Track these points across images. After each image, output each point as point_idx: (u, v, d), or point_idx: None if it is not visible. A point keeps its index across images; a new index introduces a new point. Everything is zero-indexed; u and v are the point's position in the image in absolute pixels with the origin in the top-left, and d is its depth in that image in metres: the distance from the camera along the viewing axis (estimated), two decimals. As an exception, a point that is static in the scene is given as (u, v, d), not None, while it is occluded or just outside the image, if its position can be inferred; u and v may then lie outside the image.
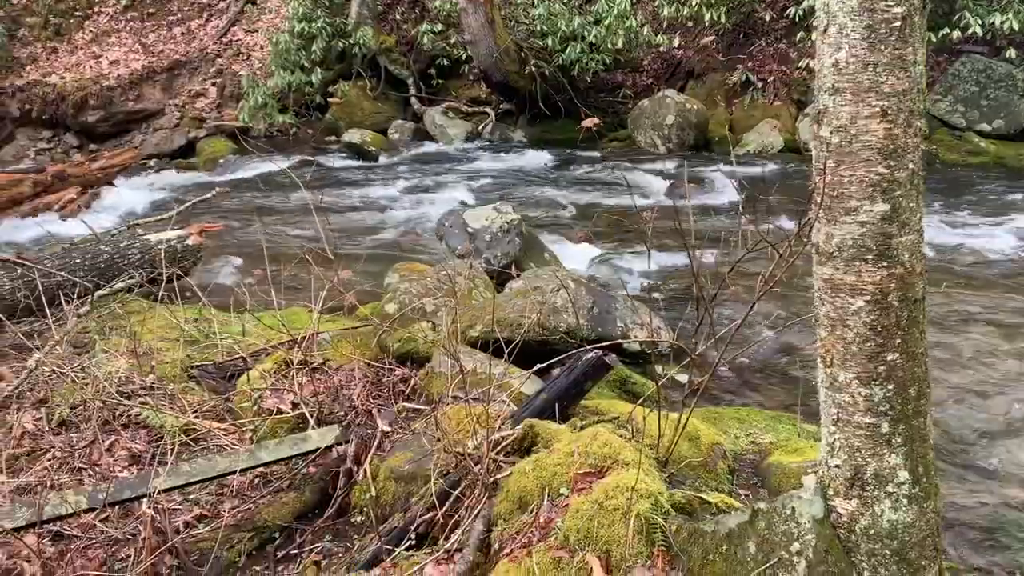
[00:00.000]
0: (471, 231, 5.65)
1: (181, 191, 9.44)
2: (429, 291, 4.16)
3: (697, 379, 2.65)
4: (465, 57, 12.27)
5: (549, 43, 11.42)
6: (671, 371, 3.46)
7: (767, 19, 11.34)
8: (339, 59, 12.81)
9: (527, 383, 3.22)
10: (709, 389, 3.52)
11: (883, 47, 1.77)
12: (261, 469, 3.00)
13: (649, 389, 3.38)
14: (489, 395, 2.73)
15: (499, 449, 2.53)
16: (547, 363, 2.89)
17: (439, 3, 12.08)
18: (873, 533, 1.95)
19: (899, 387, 1.91)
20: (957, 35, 9.35)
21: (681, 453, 2.62)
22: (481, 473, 2.42)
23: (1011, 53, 9.59)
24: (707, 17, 10.71)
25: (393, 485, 2.76)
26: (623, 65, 12.21)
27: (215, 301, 4.57)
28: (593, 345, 2.99)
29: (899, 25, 1.76)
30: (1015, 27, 8.94)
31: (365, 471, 2.86)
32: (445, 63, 12.63)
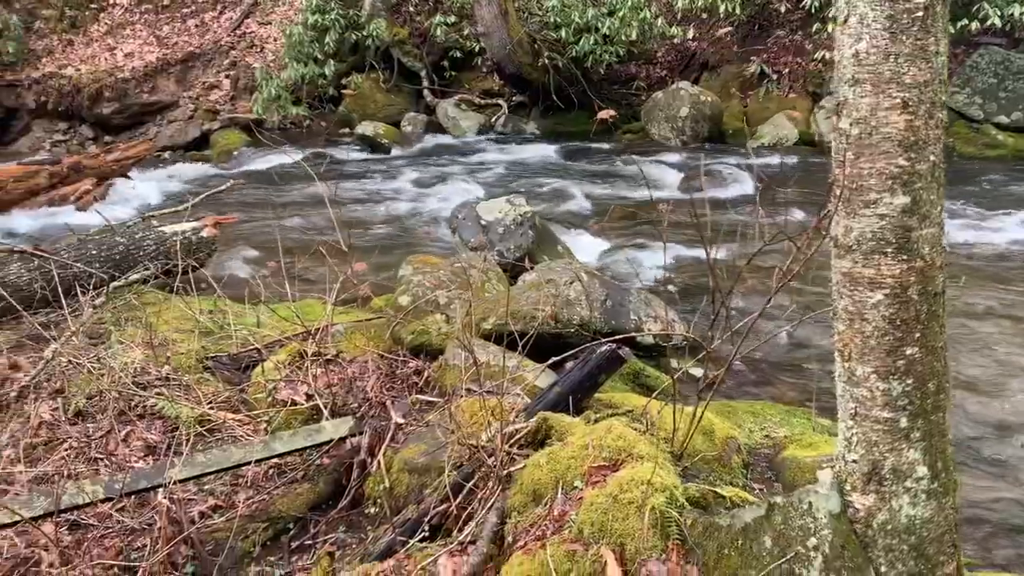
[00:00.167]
0: (484, 224, 5.64)
1: (195, 183, 9.49)
2: (442, 283, 4.15)
3: (712, 373, 2.64)
4: (478, 49, 12.25)
5: (562, 35, 11.37)
6: (686, 364, 3.45)
7: (782, 10, 11.25)
8: (352, 51, 12.81)
9: (541, 376, 3.21)
10: (723, 382, 3.50)
11: (905, 37, 1.74)
12: (275, 460, 3.01)
13: (663, 382, 3.36)
14: (503, 388, 2.72)
15: (513, 442, 2.53)
16: (561, 356, 2.88)
17: (452, -5, 12.10)
18: (891, 528, 1.94)
19: (918, 381, 1.89)
20: (976, 26, 9.24)
21: (695, 447, 2.61)
22: (495, 465, 2.41)
23: (1030, 45, 9.51)
24: (722, 8, 10.64)
25: (407, 477, 2.76)
26: (637, 57, 12.15)
27: (230, 293, 4.59)
28: (607, 338, 2.98)
29: (922, 15, 1.73)
30: (1034, 18, 8.85)
31: (379, 463, 2.86)
32: (458, 55, 12.61)
